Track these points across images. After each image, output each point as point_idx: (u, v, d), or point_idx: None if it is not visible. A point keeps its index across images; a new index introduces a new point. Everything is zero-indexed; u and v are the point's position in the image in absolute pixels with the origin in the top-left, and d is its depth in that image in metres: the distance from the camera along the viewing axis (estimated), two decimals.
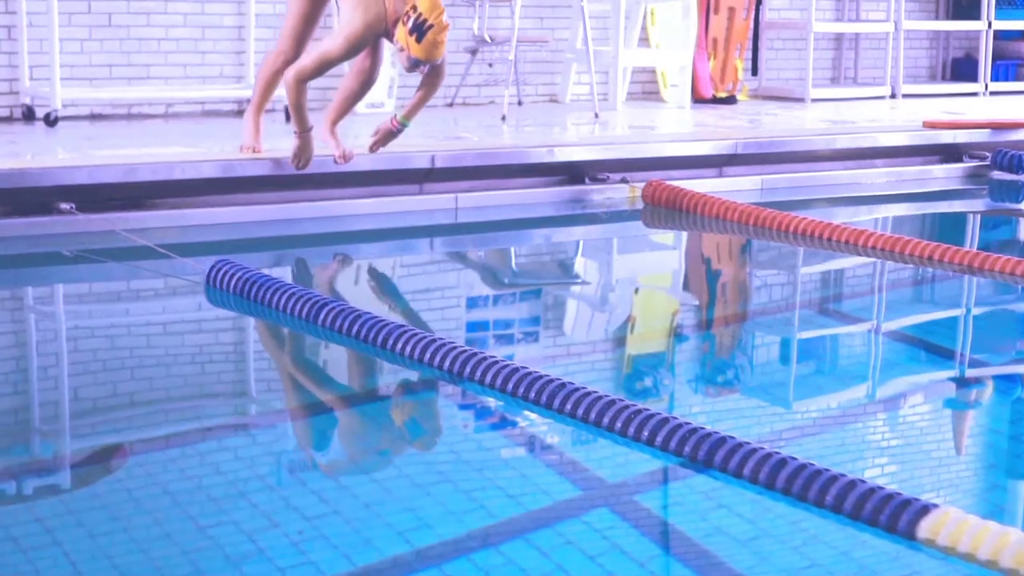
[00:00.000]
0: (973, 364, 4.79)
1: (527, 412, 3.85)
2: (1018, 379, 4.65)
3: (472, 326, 4.99)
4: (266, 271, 4.92)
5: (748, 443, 3.37)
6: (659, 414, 3.55)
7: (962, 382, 4.58)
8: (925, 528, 2.97)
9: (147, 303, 5.30)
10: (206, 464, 3.57)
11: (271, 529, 3.07)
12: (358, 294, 5.35)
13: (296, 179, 6.41)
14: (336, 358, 4.52)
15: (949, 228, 7.49)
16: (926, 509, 3.01)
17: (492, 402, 3.98)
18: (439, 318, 5.05)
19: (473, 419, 4.04)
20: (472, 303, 5.16)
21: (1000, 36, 11.78)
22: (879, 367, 4.72)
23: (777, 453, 3.31)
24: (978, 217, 7.91)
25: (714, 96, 10.20)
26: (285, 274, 5.55)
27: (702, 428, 3.47)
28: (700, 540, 3.17)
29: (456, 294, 5.20)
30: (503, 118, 8.53)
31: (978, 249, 5.95)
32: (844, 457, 3.75)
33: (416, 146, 7.07)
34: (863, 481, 3.13)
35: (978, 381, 4.62)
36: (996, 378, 4.63)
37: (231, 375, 4.46)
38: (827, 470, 3.19)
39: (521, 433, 3.89)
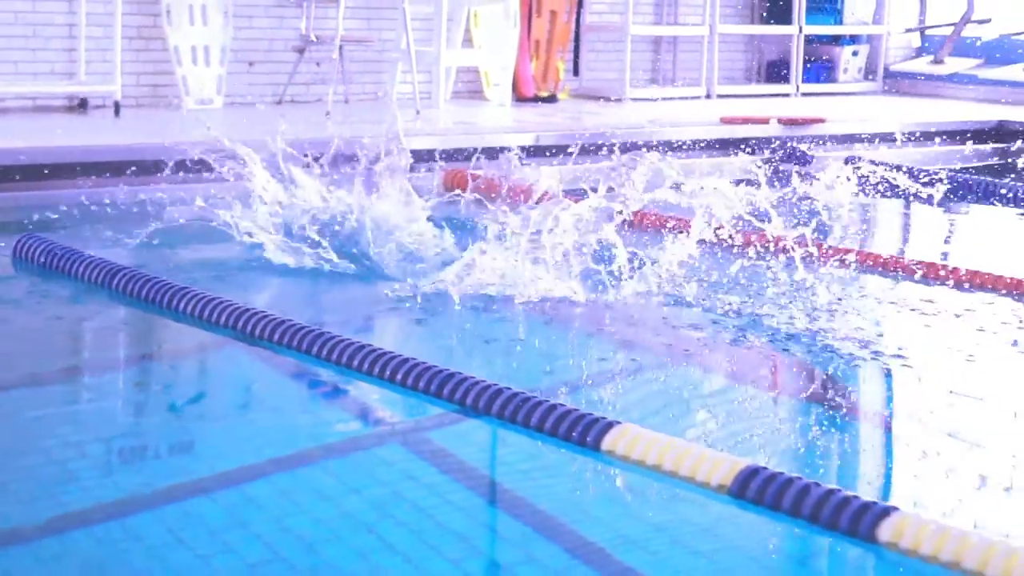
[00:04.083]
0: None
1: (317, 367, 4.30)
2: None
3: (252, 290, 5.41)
4: (69, 245, 5.31)
5: (484, 380, 3.86)
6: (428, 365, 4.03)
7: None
8: (608, 441, 3.48)
9: None
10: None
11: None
12: (158, 264, 5.70)
13: (109, 165, 6.80)
14: (130, 319, 4.95)
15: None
16: (610, 424, 3.51)
17: (274, 355, 4.42)
18: (225, 283, 5.45)
19: (261, 369, 4.49)
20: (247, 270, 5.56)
21: (812, 40, 12.46)
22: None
23: (509, 388, 3.79)
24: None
25: (536, 95, 10.72)
26: (94, 249, 5.90)
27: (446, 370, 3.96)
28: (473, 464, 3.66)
29: (241, 263, 5.60)
30: (327, 114, 8.96)
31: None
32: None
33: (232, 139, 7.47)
34: (561, 405, 3.63)
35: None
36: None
37: (26, 337, 4.85)
38: (533, 396, 3.69)
39: (309, 381, 4.35)
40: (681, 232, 5.56)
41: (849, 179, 6.26)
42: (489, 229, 5.33)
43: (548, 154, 8.36)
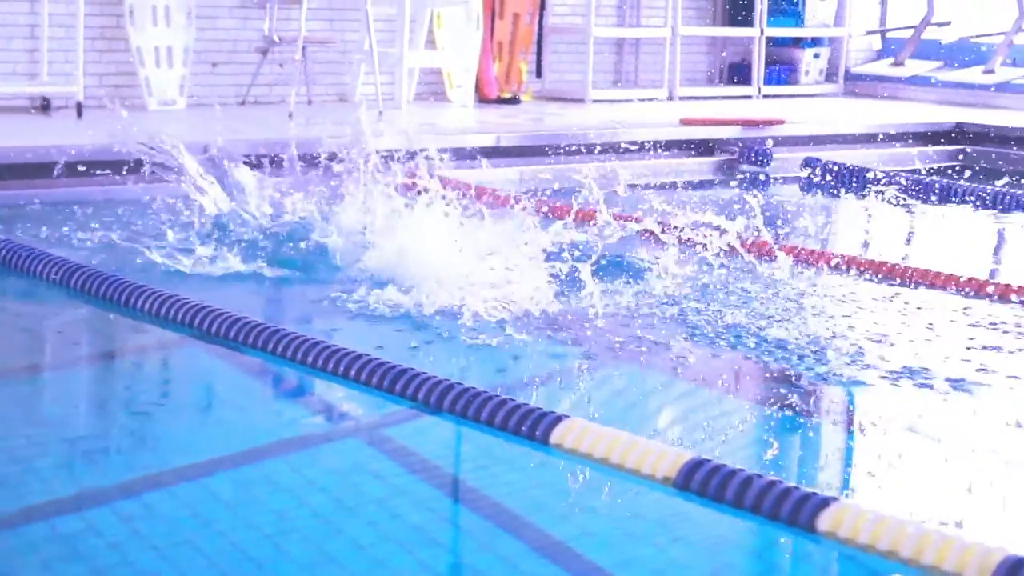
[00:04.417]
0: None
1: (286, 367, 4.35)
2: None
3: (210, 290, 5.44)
4: (27, 244, 5.36)
5: (436, 376, 3.91)
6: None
7: None
8: (556, 435, 3.54)
9: None
10: None
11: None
12: (115, 263, 5.73)
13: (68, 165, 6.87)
14: (88, 317, 5.00)
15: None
16: (559, 419, 3.57)
17: (234, 353, 4.47)
18: (184, 281, 5.49)
19: (221, 366, 4.53)
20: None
21: (774, 43, 12.56)
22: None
23: (460, 384, 3.85)
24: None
25: (499, 97, 10.78)
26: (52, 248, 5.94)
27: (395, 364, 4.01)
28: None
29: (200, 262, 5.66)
30: (290, 115, 9.00)
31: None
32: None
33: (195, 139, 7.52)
34: (511, 400, 3.69)
35: None
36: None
37: None
38: (484, 392, 3.75)
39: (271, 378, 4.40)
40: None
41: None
42: (457, 237, 5.38)
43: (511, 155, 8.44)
